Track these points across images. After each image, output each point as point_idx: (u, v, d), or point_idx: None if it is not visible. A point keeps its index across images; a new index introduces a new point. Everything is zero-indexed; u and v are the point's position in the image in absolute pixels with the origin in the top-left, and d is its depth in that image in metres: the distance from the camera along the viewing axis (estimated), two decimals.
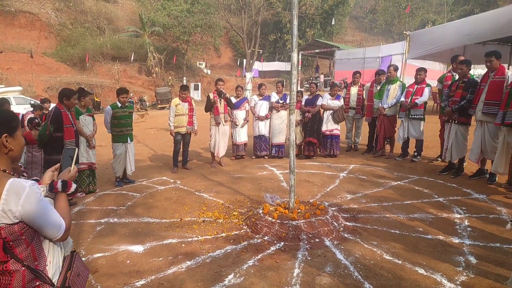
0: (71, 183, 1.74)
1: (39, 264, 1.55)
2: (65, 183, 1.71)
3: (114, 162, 6.14)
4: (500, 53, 5.23)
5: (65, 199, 1.71)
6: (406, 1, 40.84)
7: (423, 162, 6.78)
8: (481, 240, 3.62)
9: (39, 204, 1.49)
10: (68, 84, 23.62)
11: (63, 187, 1.70)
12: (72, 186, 1.73)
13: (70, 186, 1.73)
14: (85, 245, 3.89)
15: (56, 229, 1.57)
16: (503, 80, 4.99)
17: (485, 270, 3.05)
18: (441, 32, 11.86)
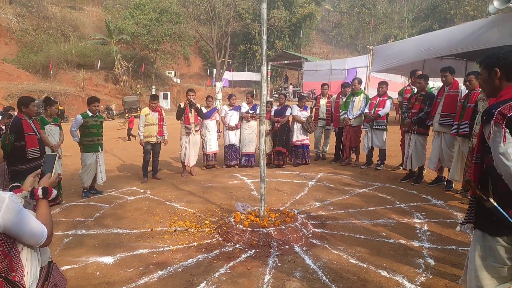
0: (52, 189, 1.75)
1: (16, 275, 1.55)
2: (45, 190, 1.72)
3: (83, 173, 6.01)
4: (454, 69, 5.65)
5: (47, 206, 1.73)
6: (370, 16, 42.61)
7: (386, 170, 7.12)
8: (439, 243, 3.87)
9: (19, 214, 1.50)
10: (30, 92, 22.74)
11: (43, 194, 1.71)
12: (53, 192, 1.75)
13: (51, 193, 1.74)
14: (52, 257, 3.75)
15: (38, 236, 1.58)
16: (457, 93, 5.39)
17: (442, 271, 3.27)
18: (402, 47, 12.53)
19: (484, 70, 1.96)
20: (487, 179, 1.87)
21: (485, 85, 1.99)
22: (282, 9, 36.28)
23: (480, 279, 1.90)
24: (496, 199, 1.81)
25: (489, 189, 1.86)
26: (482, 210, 1.89)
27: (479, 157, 1.92)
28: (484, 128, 1.84)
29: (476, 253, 1.93)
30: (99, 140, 6.12)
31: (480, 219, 1.92)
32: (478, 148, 1.92)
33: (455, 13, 37.33)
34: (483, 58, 1.97)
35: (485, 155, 1.86)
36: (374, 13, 44.32)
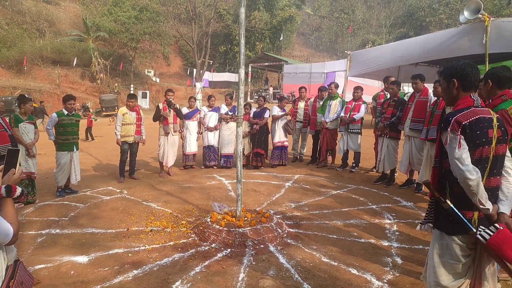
0: (16, 187, 1.73)
1: None
2: (9, 188, 1.69)
3: (58, 172, 5.93)
4: (424, 76, 5.91)
5: (11, 204, 1.71)
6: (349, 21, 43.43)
7: (361, 173, 7.34)
8: (407, 243, 4.06)
9: None
10: (3, 88, 22.06)
11: (7, 192, 1.68)
12: (17, 190, 1.72)
13: (15, 191, 1.71)
14: (25, 256, 3.76)
15: (3, 235, 1.58)
16: (427, 100, 5.63)
17: (408, 269, 3.44)
18: (378, 53, 12.89)
19: (443, 80, 2.11)
20: (445, 181, 2.02)
21: (445, 94, 2.14)
22: (263, 11, 36.52)
23: (437, 275, 2.05)
24: (453, 200, 1.96)
25: (446, 191, 2.01)
26: (440, 210, 2.04)
27: (438, 161, 2.07)
28: (442, 135, 1.99)
29: (434, 251, 2.08)
30: (74, 139, 6.05)
31: (438, 219, 2.07)
32: (437, 153, 2.07)
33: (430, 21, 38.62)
34: (443, 69, 2.12)
35: (443, 159, 2.01)
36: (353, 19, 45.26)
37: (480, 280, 2.00)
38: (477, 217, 1.93)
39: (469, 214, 1.93)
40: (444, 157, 2.00)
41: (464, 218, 1.91)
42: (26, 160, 5.51)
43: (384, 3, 48.35)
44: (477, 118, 1.91)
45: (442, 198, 1.96)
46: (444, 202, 1.95)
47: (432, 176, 2.11)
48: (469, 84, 2.01)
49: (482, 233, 1.86)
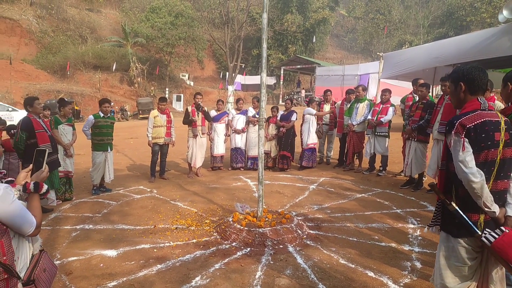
0: (43, 184, 1.90)
1: (7, 259, 1.68)
2: (37, 185, 1.86)
3: (93, 171, 6.31)
4: None
5: (37, 199, 1.88)
6: (385, 22, 42.41)
7: (388, 177, 7.22)
8: (429, 248, 3.99)
9: (12, 204, 1.66)
10: (48, 92, 23.47)
11: (35, 188, 1.85)
12: (44, 187, 1.89)
13: (42, 187, 1.88)
14: (60, 249, 4.06)
15: (27, 225, 1.73)
16: None
17: (427, 274, 3.39)
18: (412, 54, 12.58)
19: (451, 83, 2.12)
20: (451, 184, 2.03)
21: (452, 97, 2.15)
22: (296, 14, 36.46)
23: (443, 277, 2.05)
24: (458, 203, 1.97)
25: (452, 194, 2.01)
26: (446, 213, 2.05)
27: (445, 164, 2.08)
28: (447, 138, 2.00)
29: (440, 253, 2.09)
30: (108, 140, 6.41)
31: (445, 221, 2.08)
32: (444, 155, 2.08)
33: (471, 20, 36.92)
34: (451, 73, 2.13)
35: (450, 162, 2.02)
36: (389, 19, 44.10)
37: (487, 284, 1.99)
38: (483, 220, 1.93)
39: (474, 217, 1.93)
40: (450, 160, 2.01)
41: (470, 220, 1.92)
42: (64, 160, 5.91)
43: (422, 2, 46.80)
44: (482, 121, 1.91)
45: (448, 201, 1.97)
46: (450, 205, 1.96)
47: (439, 179, 2.12)
48: (476, 87, 2.01)
49: (487, 236, 1.86)
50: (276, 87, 37.03)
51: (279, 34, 36.76)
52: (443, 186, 2.07)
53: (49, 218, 5.10)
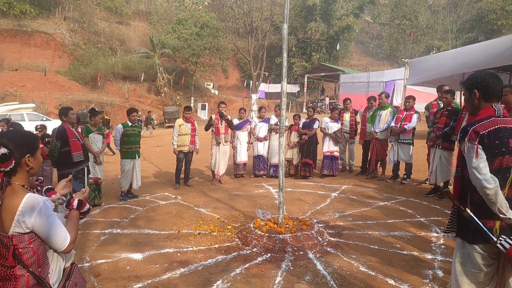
0: (86, 203, 1.94)
1: (42, 271, 1.71)
2: (80, 203, 1.90)
3: (122, 178, 6.56)
4: None
5: (77, 216, 1.89)
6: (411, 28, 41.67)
7: (412, 185, 7.11)
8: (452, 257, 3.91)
9: (49, 218, 1.67)
10: (80, 102, 24.46)
11: (78, 205, 1.88)
12: (86, 206, 1.93)
13: (85, 206, 1.92)
14: (89, 252, 4.27)
15: (61, 241, 1.72)
16: None
17: (448, 282, 3.35)
18: (438, 60, 12.35)
19: (466, 90, 2.14)
20: (467, 190, 2.04)
21: (467, 104, 2.17)
22: (320, 22, 36.48)
23: (459, 283, 2.06)
24: (473, 209, 1.98)
25: (467, 200, 2.03)
26: (461, 219, 2.06)
27: (460, 170, 2.09)
28: (460, 144, 2.02)
29: (456, 260, 2.09)
30: (136, 148, 6.66)
31: (460, 228, 2.09)
32: (459, 162, 2.10)
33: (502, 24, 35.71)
34: (465, 80, 2.15)
35: (464, 169, 2.04)
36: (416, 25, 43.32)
37: None
38: (499, 226, 1.93)
39: (490, 223, 1.94)
40: (465, 166, 2.02)
41: (485, 227, 1.92)
42: (93, 167, 6.19)
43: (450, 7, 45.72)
44: (496, 128, 1.92)
45: (462, 207, 1.99)
46: (464, 211, 1.97)
47: (454, 185, 2.13)
48: (490, 94, 2.02)
49: (502, 242, 1.86)
50: (300, 94, 37.03)
51: (302, 42, 36.85)
52: (459, 192, 2.09)
53: (80, 222, 5.32)
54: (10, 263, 1.63)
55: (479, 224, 1.93)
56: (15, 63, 29.42)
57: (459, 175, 2.09)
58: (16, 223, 1.61)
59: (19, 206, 1.62)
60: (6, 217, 1.62)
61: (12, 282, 1.64)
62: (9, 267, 1.64)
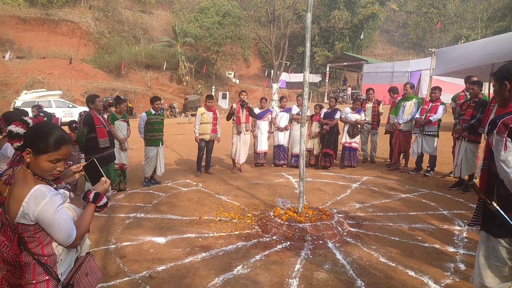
0: (103, 196, 1.86)
1: (49, 260, 1.68)
2: (97, 196, 1.82)
3: (145, 164, 6.72)
4: None
5: (91, 210, 1.83)
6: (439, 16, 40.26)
7: (436, 177, 6.98)
8: (475, 250, 3.84)
9: (54, 214, 1.62)
10: (104, 90, 24.99)
11: (94, 198, 1.82)
12: (103, 200, 1.85)
13: (101, 199, 1.84)
14: (115, 235, 4.43)
15: (64, 237, 1.67)
16: None
17: (470, 276, 3.31)
18: (466, 50, 11.94)
19: (496, 82, 2.09)
20: (493, 184, 2.01)
21: (497, 96, 2.12)
22: (344, 10, 35.74)
23: (483, 277, 2.04)
24: (499, 203, 1.95)
25: (493, 193, 1.99)
26: (487, 212, 2.03)
27: (487, 163, 2.06)
28: (488, 137, 1.98)
29: (480, 253, 2.07)
30: (160, 136, 6.79)
31: (485, 221, 2.06)
32: (486, 155, 2.06)
33: None
34: (496, 71, 2.10)
35: (492, 161, 2.00)
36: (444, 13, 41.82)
37: None
38: None
39: None
40: (492, 159, 1.99)
41: (511, 220, 1.89)
42: (119, 153, 6.36)
43: None
44: None
45: (488, 200, 1.96)
46: (490, 204, 1.95)
47: (480, 178, 2.10)
48: None
49: None
50: (321, 84, 36.60)
51: (325, 31, 36.28)
52: (485, 185, 2.06)
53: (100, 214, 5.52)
54: (15, 250, 1.63)
55: (506, 217, 1.90)
56: (43, 51, 30.29)
57: (486, 168, 2.06)
58: (21, 214, 1.58)
59: (25, 197, 1.58)
60: (14, 205, 1.60)
61: (18, 269, 1.64)
62: (15, 254, 1.63)
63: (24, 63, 27.22)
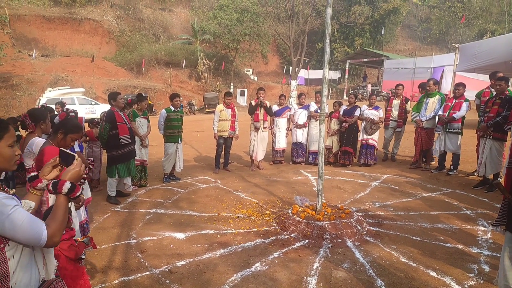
0: (79, 187, 1.63)
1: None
2: (73, 187, 1.60)
3: (165, 161, 6.81)
4: None
5: (63, 203, 1.59)
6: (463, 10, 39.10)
7: (459, 176, 6.81)
8: (500, 252, 3.73)
9: (8, 218, 1.40)
10: (125, 87, 25.42)
11: (70, 190, 1.59)
12: (65, 186, 1.58)
13: (78, 190, 1.61)
14: (136, 229, 4.52)
15: (33, 239, 1.46)
16: None
17: (495, 278, 3.22)
18: (492, 45, 11.54)
19: None
20: None
21: None
22: (364, 5, 35.11)
23: (507, 278, 1.99)
24: None
25: None
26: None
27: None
28: None
29: (505, 254, 2.02)
30: (179, 132, 6.87)
31: (511, 221, 2.00)
32: (511, 153, 1.99)
33: None
34: None
35: None
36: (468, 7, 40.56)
37: None
38: None
39: None
40: None
41: None
42: (140, 150, 6.46)
43: None
44: None
45: None
46: None
47: (506, 177, 2.03)
48: None
49: None
50: (341, 81, 36.15)
51: (345, 26, 35.77)
52: (510, 185, 1.99)
53: (127, 201, 5.65)
54: None
55: None
56: (66, 50, 31.02)
57: (511, 166, 1.99)
58: None
59: None
60: None
61: None
62: None
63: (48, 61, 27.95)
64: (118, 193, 5.79)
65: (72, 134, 2.99)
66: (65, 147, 2.57)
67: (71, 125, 3.02)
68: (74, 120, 3.30)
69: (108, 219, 4.93)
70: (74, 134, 3.01)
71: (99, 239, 4.15)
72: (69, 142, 3.00)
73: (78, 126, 3.08)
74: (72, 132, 2.99)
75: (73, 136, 3.01)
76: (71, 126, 3.01)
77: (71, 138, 3.00)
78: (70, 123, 3.05)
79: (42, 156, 2.84)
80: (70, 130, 2.98)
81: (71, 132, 2.98)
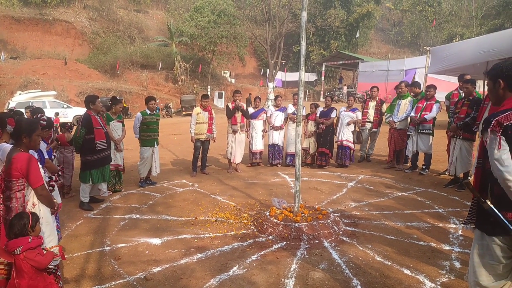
0: None
1: None
2: None
3: (141, 165, 6.68)
4: None
5: None
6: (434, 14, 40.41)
7: (431, 175, 7.00)
8: (470, 248, 3.86)
9: None
10: (99, 90, 24.84)
11: None
12: None
13: None
14: (110, 236, 4.40)
15: None
16: None
17: (465, 273, 3.32)
18: (461, 48, 11.96)
19: (489, 80, 2.09)
20: (487, 182, 2.01)
21: (491, 94, 2.12)
22: (339, 9, 35.78)
23: (477, 275, 2.05)
24: (493, 201, 1.95)
25: (488, 192, 2.00)
26: (481, 211, 2.03)
27: (481, 161, 2.06)
28: (482, 135, 1.98)
29: (475, 251, 2.08)
30: (155, 136, 6.76)
31: (479, 220, 2.06)
32: (480, 153, 2.06)
33: None
34: (489, 70, 2.10)
35: (486, 160, 2.00)
36: (439, 11, 41.98)
37: None
38: None
39: (510, 215, 1.91)
40: (487, 158, 1.99)
41: (505, 219, 1.90)
42: (114, 154, 6.31)
43: None
44: None
45: (482, 199, 1.96)
46: (484, 203, 1.95)
47: (475, 177, 2.10)
48: None
49: None
50: (317, 83, 36.63)
51: (321, 29, 36.28)
52: (479, 184, 2.06)
53: (100, 207, 5.51)
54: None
55: (499, 216, 1.90)
56: (37, 52, 30.08)
57: (480, 166, 2.06)
58: None
59: None
60: None
61: None
62: None
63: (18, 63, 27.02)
64: (91, 199, 5.62)
65: (35, 131, 2.88)
66: (35, 147, 2.66)
67: (27, 124, 2.89)
68: (26, 119, 3.21)
69: (81, 226, 4.78)
70: (36, 130, 2.91)
71: (71, 247, 4.03)
72: (37, 141, 2.93)
73: (33, 121, 3.01)
74: (33, 130, 2.87)
75: (37, 132, 2.91)
76: (27, 125, 2.87)
77: (37, 136, 2.91)
78: (25, 123, 2.91)
79: (11, 164, 2.71)
80: (30, 129, 2.86)
81: (32, 131, 2.86)
